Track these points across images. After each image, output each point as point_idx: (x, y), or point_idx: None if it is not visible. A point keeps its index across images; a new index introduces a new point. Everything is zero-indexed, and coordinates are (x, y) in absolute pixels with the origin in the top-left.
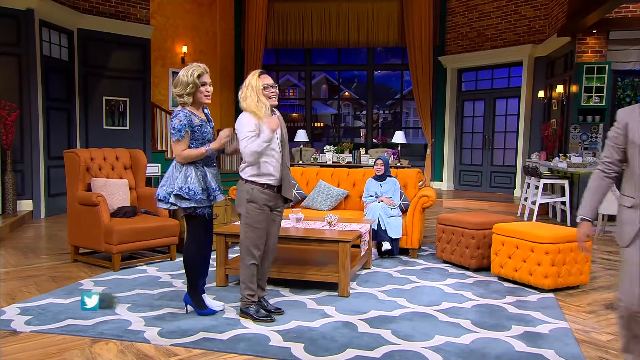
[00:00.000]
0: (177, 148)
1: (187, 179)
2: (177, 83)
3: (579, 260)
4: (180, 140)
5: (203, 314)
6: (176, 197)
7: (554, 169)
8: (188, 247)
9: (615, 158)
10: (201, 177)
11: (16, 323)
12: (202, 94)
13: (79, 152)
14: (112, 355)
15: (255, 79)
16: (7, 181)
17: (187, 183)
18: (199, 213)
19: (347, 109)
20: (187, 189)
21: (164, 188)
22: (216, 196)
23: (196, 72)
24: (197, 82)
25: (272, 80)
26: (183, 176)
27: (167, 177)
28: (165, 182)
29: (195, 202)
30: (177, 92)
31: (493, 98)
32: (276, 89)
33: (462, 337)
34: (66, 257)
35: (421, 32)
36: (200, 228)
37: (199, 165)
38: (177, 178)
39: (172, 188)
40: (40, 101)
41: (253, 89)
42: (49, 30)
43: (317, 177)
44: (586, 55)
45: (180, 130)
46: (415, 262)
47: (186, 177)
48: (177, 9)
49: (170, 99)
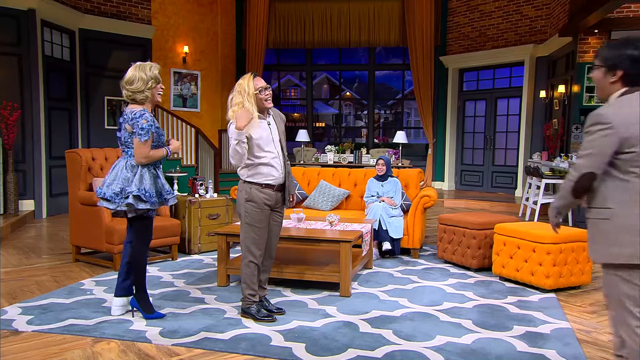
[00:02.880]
0: (144, 149)
1: (142, 181)
2: (134, 79)
3: (581, 260)
4: (147, 140)
5: (150, 317)
6: (135, 198)
7: (555, 169)
8: (139, 249)
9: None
10: (153, 179)
11: (18, 323)
12: (157, 92)
13: (80, 152)
14: (114, 355)
15: (247, 83)
16: (8, 181)
17: (143, 185)
18: (150, 215)
19: (349, 109)
20: (144, 191)
21: (110, 187)
22: (169, 199)
23: (155, 68)
24: (158, 77)
25: (265, 83)
26: (139, 177)
27: (114, 176)
28: (112, 181)
29: (151, 205)
30: (137, 88)
31: (494, 98)
32: (270, 91)
33: (463, 337)
34: (67, 257)
35: (422, 32)
36: (149, 229)
37: (151, 167)
38: (131, 179)
39: (123, 188)
40: (42, 101)
41: (243, 94)
42: (50, 30)
43: (319, 177)
44: (588, 55)
45: (148, 131)
46: (417, 262)
47: (142, 179)
48: (178, 9)
49: (172, 99)
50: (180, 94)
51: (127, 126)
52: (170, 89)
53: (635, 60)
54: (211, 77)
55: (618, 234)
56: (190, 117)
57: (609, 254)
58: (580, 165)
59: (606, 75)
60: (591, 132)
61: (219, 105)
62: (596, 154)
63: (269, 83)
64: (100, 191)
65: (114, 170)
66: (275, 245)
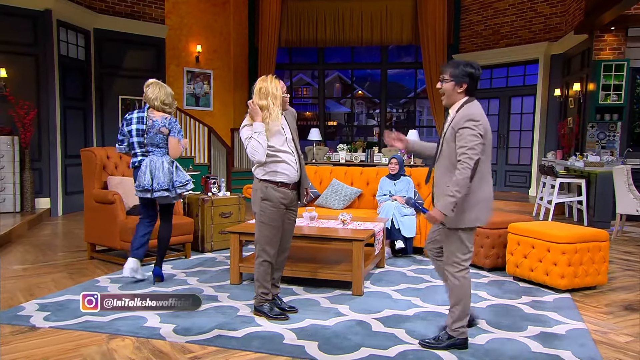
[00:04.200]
0: (180, 146)
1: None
2: (168, 97)
3: (597, 261)
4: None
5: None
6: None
7: (570, 167)
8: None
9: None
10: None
11: (35, 319)
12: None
13: (95, 150)
14: (129, 352)
15: (274, 86)
16: (25, 179)
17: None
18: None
19: (361, 108)
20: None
21: (164, 180)
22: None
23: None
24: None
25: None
26: (178, 169)
27: (161, 173)
28: (162, 176)
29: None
30: (171, 103)
31: (508, 96)
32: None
33: (476, 337)
34: (83, 254)
35: (435, 30)
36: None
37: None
38: (174, 171)
39: (172, 179)
40: (58, 100)
41: (269, 96)
42: (66, 31)
43: (331, 175)
44: (604, 52)
45: (180, 131)
46: (429, 261)
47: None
48: (191, 9)
49: (185, 98)
50: (193, 93)
51: (164, 129)
52: (183, 88)
53: (474, 78)
54: (224, 76)
55: (468, 205)
56: (202, 116)
57: (460, 219)
58: (473, 154)
59: (455, 87)
60: (471, 127)
61: (232, 104)
62: (480, 144)
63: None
64: (154, 186)
65: (157, 167)
66: (288, 243)
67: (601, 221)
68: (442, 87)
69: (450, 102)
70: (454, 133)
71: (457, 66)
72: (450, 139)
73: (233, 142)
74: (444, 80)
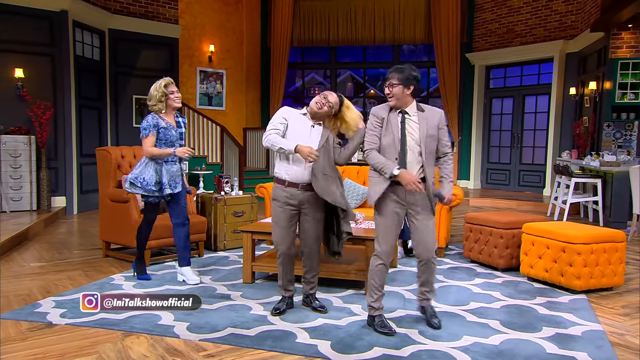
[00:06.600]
0: (145, 144)
1: (144, 171)
2: (150, 97)
3: (613, 262)
4: (146, 137)
5: (141, 278)
6: (130, 184)
7: (586, 167)
8: (140, 226)
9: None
10: (158, 172)
11: (52, 316)
12: (172, 100)
13: (110, 149)
14: (143, 349)
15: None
16: (42, 178)
17: (143, 174)
18: (151, 201)
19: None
20: (142, 179)
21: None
22: (164, 189)
23: (162, 83)
24: (165, 92)
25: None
26: (143, 167)
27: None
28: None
29: (145, 191)
30: (152, 104)
31: (522, 95)
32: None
33: (490, 338)
34: (98, 252)
35: (448, 29)
36: (151, 212)
37: (160, 162)
38: (137, 168)
39: (131, 175)
40: (73, 100)
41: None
42: (81, 31)
43: (343, 175)
44: (621, 50)
45: (145, 129)
46: (442, 261)
47: (145, 169)
48: (204, 8)
49: (198, 97)
50: (206, 92)
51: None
52: (196, 88)
53: (418, 80)
54: (236, 75)
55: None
56: (215, 116)
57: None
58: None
59: (404, 90)
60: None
61: (244, 103)
62: None
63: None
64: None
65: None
66: (308, 244)
67: (617, 221)
68: (391, 91)
69: (400, 104)
70: (437, 130)
71: (403, 71)
72: (435, 136)
73: (245, 141)
74: (393, 85)
